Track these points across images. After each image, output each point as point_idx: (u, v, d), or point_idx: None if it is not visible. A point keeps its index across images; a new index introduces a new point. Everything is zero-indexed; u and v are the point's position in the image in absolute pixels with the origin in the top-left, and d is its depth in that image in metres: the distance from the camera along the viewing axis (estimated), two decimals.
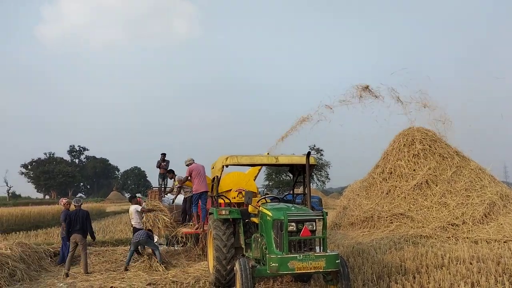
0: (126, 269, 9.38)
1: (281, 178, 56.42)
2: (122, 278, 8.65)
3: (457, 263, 8.44)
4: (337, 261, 5.85)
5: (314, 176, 61.10)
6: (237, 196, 9.21)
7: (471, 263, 8.41)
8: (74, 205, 9.85)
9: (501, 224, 12.16)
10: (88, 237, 9.79)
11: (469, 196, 13.22)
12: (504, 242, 11.08)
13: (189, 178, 10.57)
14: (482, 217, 12.51)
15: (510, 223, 12.12)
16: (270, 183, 57.42)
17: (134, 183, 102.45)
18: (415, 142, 15.01)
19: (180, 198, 11.98)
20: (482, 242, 11.17)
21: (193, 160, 10.81)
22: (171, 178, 12.31)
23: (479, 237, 11.62)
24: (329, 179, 62.97)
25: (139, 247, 10.29)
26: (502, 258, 8.64)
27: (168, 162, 15.89)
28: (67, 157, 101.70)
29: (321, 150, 61.01)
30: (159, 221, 10.65)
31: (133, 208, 10.84)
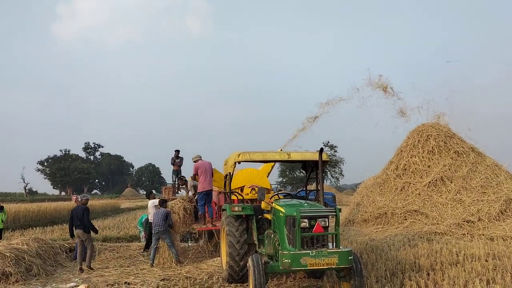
0: (152, 265, 9.45)
1: (295, 175, 56.40)
2: (136, 273, 8.76)
3: (472, 260, 8.34)
4: (350, 258, 5.83)
5: (328, 172, 60.94)
6: (250, 192, 9.23)
7: (486, 260, 8.31)
8: (77, 202, 9.96)
9: None
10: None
11: (484, 192, 13.03)
12: None
13: (196, 175, 10.63)
14: (498, 214, 12.32)
15: None
16: (284, 180, 57.44)
17: (148, 179, 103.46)
18: (429, 138, 14.84)
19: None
20: (498, 239, 11.01)
21: (200, 157, 10.86)
22: (182, 185, 12.07)
23: (495, 234, 11.45)
24: (343, 175, 62.80)
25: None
26: None
27: (182, 159, 15.97)
28: (83, 154, 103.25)
29: (335, 147, 60.83)
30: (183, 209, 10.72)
31: (151, 202, 11.01)
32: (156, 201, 10.87)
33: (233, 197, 8.39)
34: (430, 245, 10.10)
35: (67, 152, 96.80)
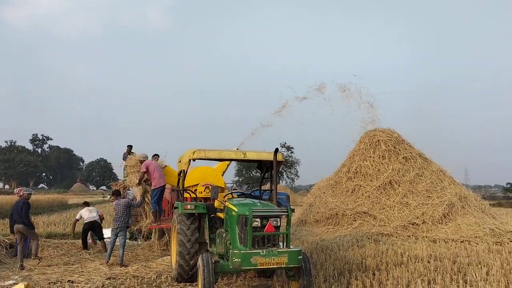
0: (107, 262, 9.10)
1: (251, 174, 56.65)
2: (81, 271, 8.42)
3: (415, 261, 8.70)
4: (299, 257, 5.89)
5: (284, 173, 61.73)
6: (204, 190, 9.14)
7: (428, 262, 8.69)
8: (19, 196, 9.47)
9: (459, 224, 12.63)
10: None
11: (429, 196, 13.67)
12: (461, 242, 11.52)
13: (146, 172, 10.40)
14: (441, 217, 12.96)
15: (467, 224, 12.60)
16: (240, 179, 57.54)
17: (99, 175, 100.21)
18: (380, 143, 15.36)
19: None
20: (440, 241, 11.57)
21: (147, 156, 10.73)
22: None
23: (438, 236, 12.04)
24: (298, 176, 63.83)
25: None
26: (458, 257, 8.98)
27: (134, 154, 15.59)
28: (30, 146, 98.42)
29: (292, 148, 61.65)
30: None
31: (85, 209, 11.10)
32: (87, 210, 11.03)
33: (186, 195, 8.28)
34: (377, 246, 10.45)
35: (12, 144, 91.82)
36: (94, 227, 10.93)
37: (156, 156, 11.45)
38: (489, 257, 9.06)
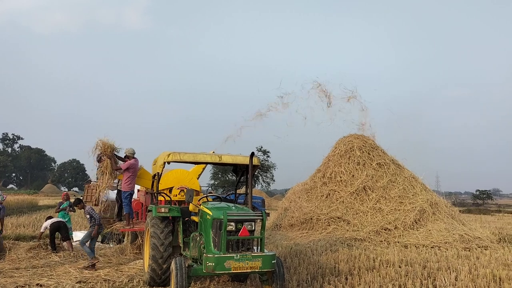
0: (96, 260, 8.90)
1: (227, 178, 56.38)
2: (50, 275, 8.19)
3: (387, 266, 8.84)
4: (273, 262, 5.92)
5: (260, 177, 61.73)
6: (179, 194, 9.07)
7: (400, 266, 8.85)
8: None
9: (430, 230, 12.92)
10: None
11: (402, 202, 13.94)
12: (431, 247, 11.79)
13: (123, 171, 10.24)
14: (412, 223, 13.23)
15: (438, 230, 12.91)
16: (216, 182, 57.24)
17: (71, 176, 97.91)
18: (354, 149, 15.59)
19: (113, 193, 11.63)
20: (411, 246, 11.81)
21: (134, 153, 10.57)
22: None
23: (409, 241, 12.29)
24: (274, 180, 63.87)
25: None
26: (428, 263, 9.18)
27: None
28: None
29: (268, 152, 61.70)
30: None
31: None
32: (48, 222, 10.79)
33: (161, 198, 8.18)
34: (350, 251, 10.58)
35: None
36: (60, 227, 10.71)
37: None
38: (458, 263, 9.30)
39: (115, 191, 11.27)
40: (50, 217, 11.59)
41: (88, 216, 9.25)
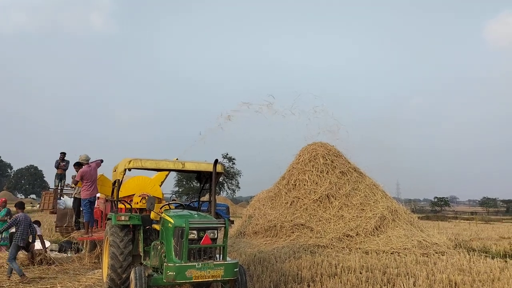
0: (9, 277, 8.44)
1: (192, 185, 55.78)
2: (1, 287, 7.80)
3: (348, 272, 8.97)
4: (235, 270, 5.87)
5: (225, 184, 61.50)
6: (140, 201, 8.85)
7: (360, 273, 9.00)
8: None
9: (389, 236, 13.25)
10: None
11: (363, 209, 14.22)
12: (391, 253, 12.07)
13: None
14: (373, 229, 13.51)
15: (397, 236, 13.25)
16: (180, 190, 56.53)
17: (28, 183, 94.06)
18: (318, 157, 15.80)
19: (71, 201, 11.29)
20: (372, 252, 12.05)
21: (89, 160, 10.32)
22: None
23: (370, 248, 12.54)
24: (240, 187, 63.81)
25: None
26: (388, 268, 9.39)
27: (68, 162, 14.93)
28: None
29: (234, 159, 61.60)
30: None
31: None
32: (38, 229, 10.24)
33: (121, 205, 7.97)
34: (313, 258, 10.67)
35: None
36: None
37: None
38: (416, 268, 9.56)
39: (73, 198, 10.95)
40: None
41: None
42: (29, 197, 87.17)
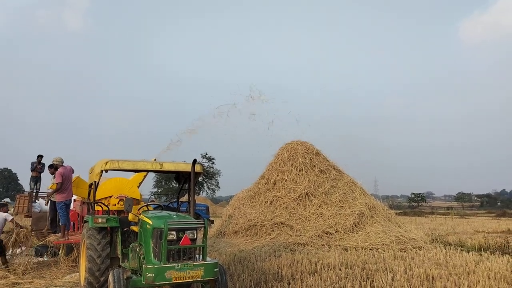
0: None
1: (171, 185, 55.32)
2: None
3: (328, 269, 9.06)
4: (215, 270, 5.84)
5: (205, 184, 61.26)
6: (118, 203, 8.73)
7: (340, 269, 9.10)
8: None
9: (368, 233, 13.43)
10: None
11: (342, 207, 14.38)
12: (370, 249, 12.24)
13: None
14: (352, 226, 13.67)
15: (376, 232, 13.44)
16: (159, 190, 56.03)
17: (2, 186, 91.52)
18: (297, 156, 15.89)
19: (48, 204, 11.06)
20: (351, 249, 12.19)
21: (63, 162, 10.13)
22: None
23: (349, 244, 12.69)
24: (219, 187, 63.66)
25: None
26: (367, 264, 9.52)
27: (44, 165, 14.63)
28: None
29: (213, 159, 61.41)
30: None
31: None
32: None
33: (98, 207, 7.84)
34: (293, 255, 10.73)
35: None
36: None
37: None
38: (394, 264, 9.72)
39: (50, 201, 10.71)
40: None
41: None
42: (3, 200, 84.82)
